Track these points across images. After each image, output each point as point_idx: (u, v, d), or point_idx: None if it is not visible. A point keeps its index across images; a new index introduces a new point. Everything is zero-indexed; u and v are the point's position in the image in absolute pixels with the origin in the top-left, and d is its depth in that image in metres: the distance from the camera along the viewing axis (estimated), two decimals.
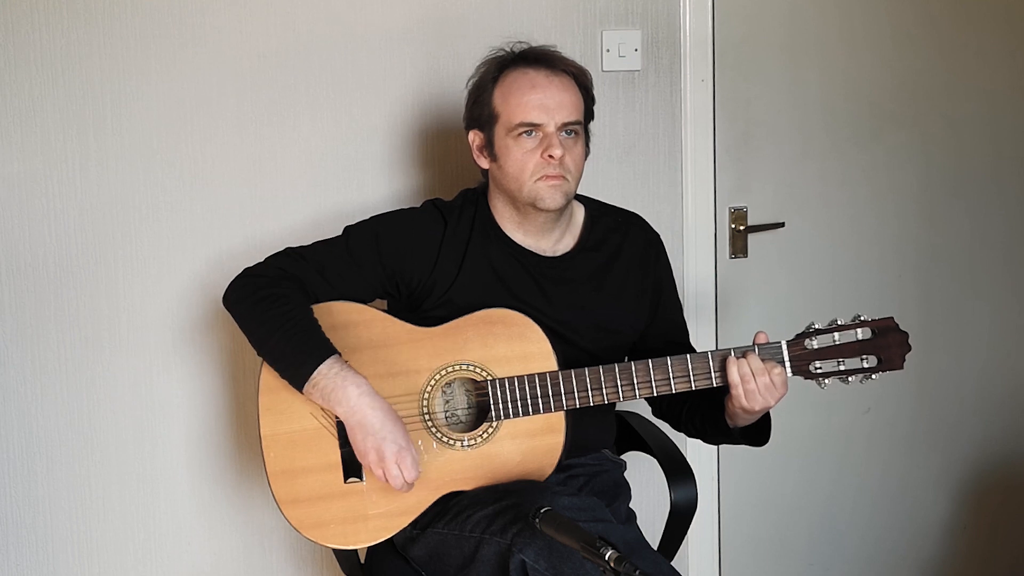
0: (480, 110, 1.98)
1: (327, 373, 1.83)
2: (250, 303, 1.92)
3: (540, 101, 1.91)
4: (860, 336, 1.89)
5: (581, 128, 1.96)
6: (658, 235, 2.15)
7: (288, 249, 2.00)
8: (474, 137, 2.01)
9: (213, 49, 2.32)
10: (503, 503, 1.81)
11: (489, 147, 1.98)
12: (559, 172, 1.91)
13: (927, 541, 3.09)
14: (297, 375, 1.84)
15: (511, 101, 1.93)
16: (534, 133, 1.92)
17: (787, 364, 1.89)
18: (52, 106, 2.25)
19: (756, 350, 1.89)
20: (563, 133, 1.92)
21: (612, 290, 2.04)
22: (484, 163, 2.01)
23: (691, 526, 2.07)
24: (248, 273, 1.97)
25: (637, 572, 1.39)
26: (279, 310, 1.88)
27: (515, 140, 1.92)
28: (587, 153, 2.01)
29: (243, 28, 2.33)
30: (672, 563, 1.97)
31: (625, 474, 2.15)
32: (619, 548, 1.44)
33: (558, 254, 2.03)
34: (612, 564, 1.41)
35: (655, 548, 2.02)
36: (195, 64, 2.31)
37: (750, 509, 2.88)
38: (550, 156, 1.90)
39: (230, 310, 1.97)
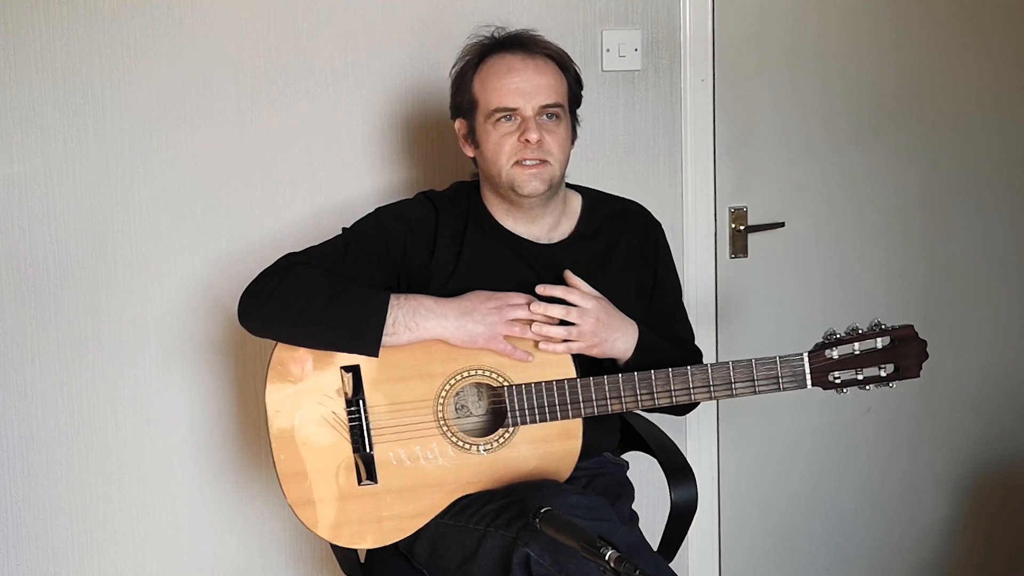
0: (462, 98, 1.98)
1: (398, 315, 1.84)
2: (276, 300, 1.87)
3: (516, 85, 1.90)
4: (880, 345, 1.87)
5: (562, 111, 1.94)
6: (658, 223, 2.13)
7: (289, 254, 1.98)
8: (459, 126, 2.01)
9: (213, 49, 2.32)
10: (510, 498, 1.81)
11: (472, 134, 1.98)
12: (537, 156, 1.90)
13: (927, 540, 3.09)
14: (368, 337, 1.83)
15: (488, 86, 1.93)
16: (512, 118, 1.91)
17: (808, 376, 1.87)
18: (52, 106, 2.25)
19: (777, 360, 1.87)
20: (543, 117, 1.91)
21: (612, 279, 2.02)
22: (469, 151, 2.01)
23: (691, 526, 2.07)
24: (256, 281, 1.93)
25: (637, 572, 1.39)
26: (310, 293, 1.86)
27: (493, 125, 1.92)
28: (574, 138, 2.00)
29: (243, 28, 2.33)
30: (672, 564, 1.97)
31: (626, 474, 2.15)
32: (620, 548, 1.44)
33: (554, 241, 2.02)
34: (612, 564, 1.41)
35: (655, 548, 2.02)
36: (195, 64, 2.31)
37: (750, 509, 2.88)
38: (526, 140, 1.89)
39: (253, 318, 1.90)
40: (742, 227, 2.74)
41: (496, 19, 2.14)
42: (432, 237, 1.97)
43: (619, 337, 1.93)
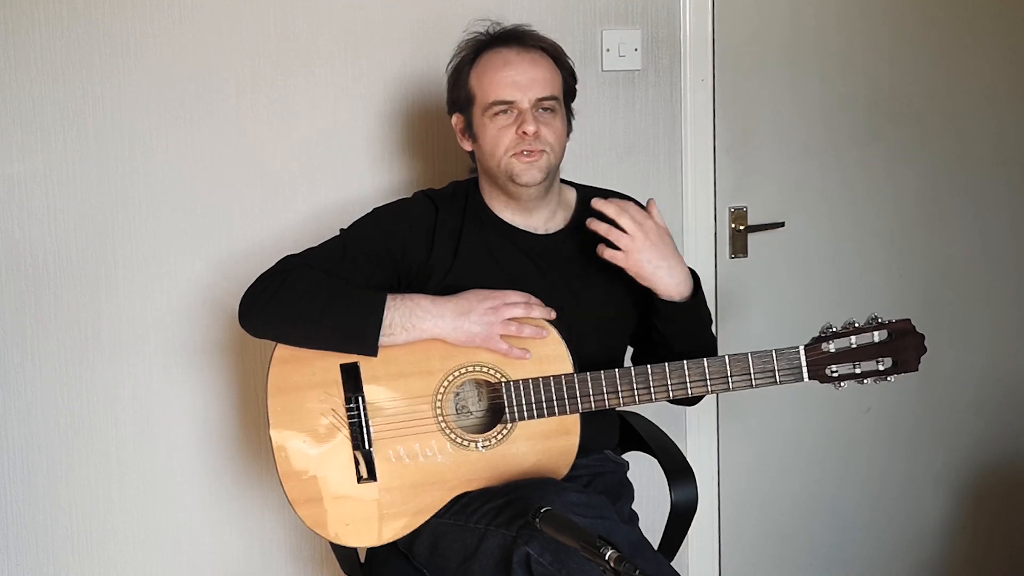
0: (459, 93, 2.00)
1: (394, 316, 1.86)
2: (276, 303, 1.89)
3: (512, 78, 1.92)
4: (877, 339, 1.87)
5: (558, 103, 1.96)
6: None
7: (288, 256, 1.99)
8: (457, 120, 2.03)
9: (213, 49, 2.32)
10: (510, 497, 1.81)
11: (469, 128, 1.99)
12: (535, 147, 1.92)
13: (927, 540, 3.09)
14: (366, 338, 1.85)
15: (484, 80, 1.94)
16: (509, 111, 1.93)
17: (804, 369, 1.87)
18: (52, 106, 2.25)
19: (774, 353, 1.88)
20: (539, 109, 1.93)
21: (609, 269, 2.01)
22: (467, 145, 2.03)
23: (691, 526, 2.07)
24: (256, 284, 1.94)
25: (637, 572, 1.39)
26: (308, 295, 1.88)
27: (491, 119, 1.94)
28: (570, 130, 2.01)
29: (242, 28, 2.33)
30: (672, 563, 1.97)
31: (627, 474, 2.15)
32: (620, 548, 1.43)
33: (550, 232, 2.04)
34: (612, 564, 1.41)
35: (655, 548, 2.02)
36: (195, 64, 2.31)
37: (750, 509, 2.88)
38: (523, 132, 1.91)
39: (253, 321, 1.92)
40: (742, 227, 2.74)
41: (495, 19, 2.15)
42: (431, 234, 1.98)
43: (663, 267, 1.91)
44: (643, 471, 2.22)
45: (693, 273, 1.98)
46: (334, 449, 1.89)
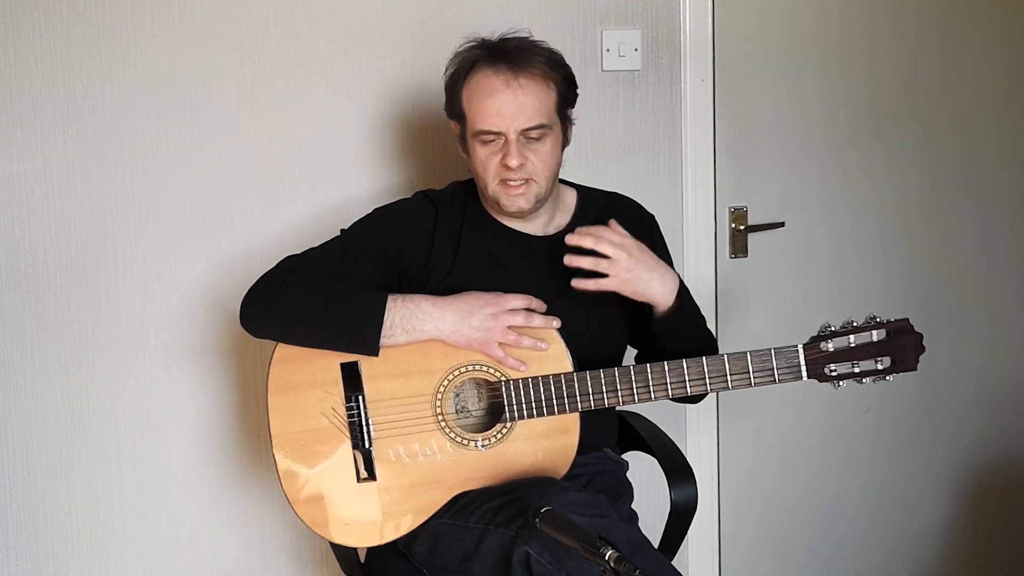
0: (453, 104, 1.99)
1: (395, 318, 1.86)
2: (277, 304, 1.90)
3: (499, 109, 1.89)
4: (875, 338, 1.87)
5: (548, 129, 1.92)
6: (651, 215, 2.15)
7: (289, 256, 1.99)
8: (455, 127, 2.03)
9: (213, 49, 2.32)
10: (509, 496, 1.82)
11: (463, 142, 2.00)
12: (520, 177, 1.91)
13: (927, 540, 3.09)
14: (366, 340, 1.86)
15: (473, 106, 1.93)
16: (495, 140, 1.92)
17: (803, 368, 1.88)
18: (52, 106, 2.25)
19: (772, 352, 1.88)
20: (526, 138, 1.91)
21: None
22: (464, 153, 2.03)
23: (691, 526, 2.07)
24: (257, 285, 1.95)
25: (637, 572, 1.39)
26: (309, 296, 1.88)
27: (479, 144, 1.93)
28: (565, 142, 1.99)
29: (243, 28, 2.33)
30: (672, 563, 1.97)
31: (626, 474, 2.15)
32: (620, 547, 1.43)
33: (550, 234, 2.04)
34: (612, 564, 1.41)
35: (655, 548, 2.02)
36: (195, 64, 2.31)
37: (750, 509, 2.88)
38: (507, 166, 1.90)
39: (255, 322, 1.93)
40: (742, 227, 2.74)
41: (496, 19, 2.16)
42: (431, 235, 1.99)
43: (655, 278, 1.92)
44: (643, 471, 2.22)
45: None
46: (334, 448, 1.90)
